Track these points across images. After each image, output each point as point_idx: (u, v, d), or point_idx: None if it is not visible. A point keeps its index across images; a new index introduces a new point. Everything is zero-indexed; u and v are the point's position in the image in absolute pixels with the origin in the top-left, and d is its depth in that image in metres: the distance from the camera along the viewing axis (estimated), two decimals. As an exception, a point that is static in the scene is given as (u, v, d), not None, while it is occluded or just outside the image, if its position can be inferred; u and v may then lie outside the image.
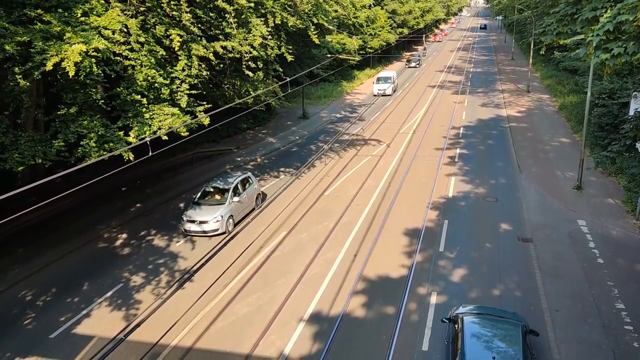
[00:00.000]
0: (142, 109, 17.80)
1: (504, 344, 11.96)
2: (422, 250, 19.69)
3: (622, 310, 15.59)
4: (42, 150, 16.63)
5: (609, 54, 9.60)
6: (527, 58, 64.63)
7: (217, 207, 21.58)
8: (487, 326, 12.68)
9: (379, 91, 51.12)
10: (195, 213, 21.41)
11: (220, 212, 21.40)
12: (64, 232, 21.85)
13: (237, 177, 23.43)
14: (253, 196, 24.07)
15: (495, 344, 12.05)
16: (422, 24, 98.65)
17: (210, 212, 21.33)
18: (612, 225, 21.44)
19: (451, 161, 30.92)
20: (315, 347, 14.34)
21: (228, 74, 24.36)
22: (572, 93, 45.61)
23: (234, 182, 22.81)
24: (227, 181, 23.04)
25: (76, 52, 14.22)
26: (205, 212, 21.37)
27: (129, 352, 14.27)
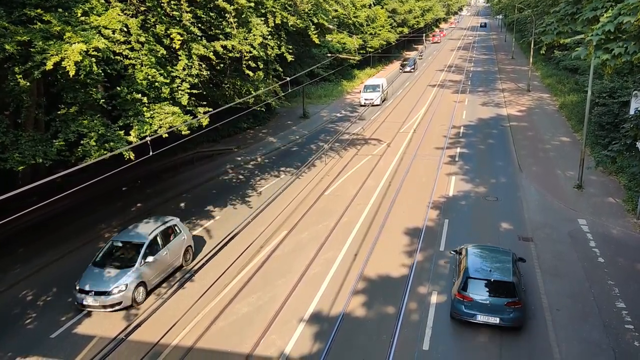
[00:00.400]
0: (143, 108, 17.80)
1: (498, 264, 15.57)
2: (422, 250, 19.69)
3: (622, 310, 15.59)
4: (43, 150, 16.62)
5: (609, 54, 9.59)
6: (527, 57, 64.59)
7: (123, 272, 16.38)
8: (485, 253, 16.46)
9: (366, 101, 47.17)
10: (91, 279, 16.21)
11: (126, 279, 16.17)
12: (64, 232, 21.84)
13: (158, 226, 18.00)
14: (180, 250, 18.57)
15: (491, 263, 15.63)
16: (423, 23, 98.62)
17: (111, 279, 16.17)
18: (613, 225, 21.43)
19: (451, 160, 30.91)
20: (315, 346, 14.34)
21: (228, 73, 24.35)
22: (572, 92, 45.60)
23: (151, 233, 17.51)
24: (141, 234, 17.62)
25: (76, 51, 14.21)
26: (106, 279, 16.20)
27: (129, 352, 14.27)
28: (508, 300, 14.40)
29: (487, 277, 14.93)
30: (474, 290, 14.73)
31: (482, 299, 14.55)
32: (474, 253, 16.21)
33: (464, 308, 14.78)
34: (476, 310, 14.66)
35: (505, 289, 14.61)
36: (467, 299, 14.71)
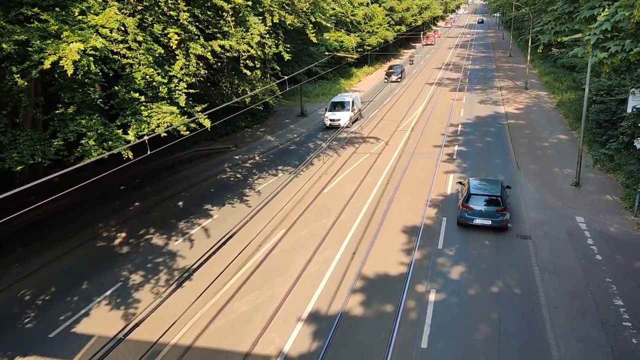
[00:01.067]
0: (141, 107, 17.78)
1: (491, 186, 21.93)
2: (420, 248, 19.72)
3: (620, 307, 15.64)
4: (41, 150, 16.60)
5: (606, 53, 9.63)
6: (525, 55, 64.65)
7: None
8: (482, 181, 22.69)
9: (331, 122, 38.99)
10: None
11: None
12: (62, 231, 21.84)
13: None
14: None
15: (486, 187, 21.68)
16: (420, 21, 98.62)
17: None
18: (610, 222, 21.49)
19: (449, 158, 30.94)
20: (314, 345, 14.37)
21: (226, 72, 24.33)
22: (570, 90, 45.65)
23: None
24: None
25: (74, 50, 14.19)
26: None
27: (128, 351, 14.28)
28: (497, 208, 20.49)
29: (483, 193, 21.04)
30: (473, 203, 20.79)
31: (479, 208, 20.63)
32: (473, 180, 22.68)
33: (466, 215, 20.83)
34: (475, 216, 20.72)
35: (495, 201, 20.62)
36: (469, 209, 20.79)
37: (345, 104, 40.35)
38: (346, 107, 40.03)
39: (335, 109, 39.89)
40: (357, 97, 42.72)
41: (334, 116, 39.23)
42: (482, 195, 20.98)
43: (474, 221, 20.66)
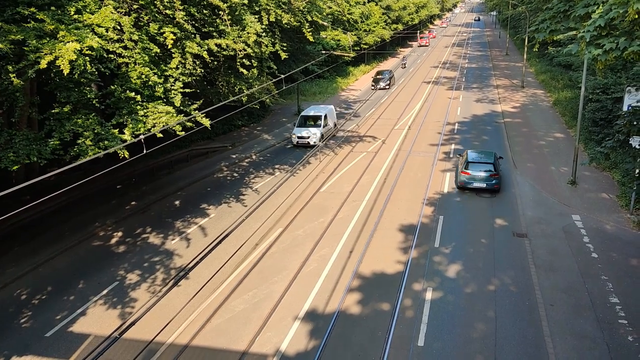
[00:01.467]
0: (137, 106, 17.75)
1: (486, 156, 25.48)
2: (417, 246, 19.75)
3: (616, 304, 15.70)
4: (37, 149, 16.56)
5: (600, 50, 9.66)
6: (521, 53, 64.76)
7: None
8: (478, 152, 26.27)
9: (299, 140, 34.15)
10: None
11: None
12: (59, 230, 21.80)
13: None
14: None
15: (482, 157, 25.40)
16: (417, 19, 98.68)
17: None
18: (606, 220, 21.56)
19: (446, 157, 30.98)
20: (311, 343, 14.38)
21: (222, 71, 24.30)
22: (566, 88, 45.76)
23: None
24: None
25: (71, 50, 14.16)
26: None
27: (125, 350, 14.27)
28: (491, 173, 24.43)
29: (479, 161, 24.95)
30: (471, 169, 24.66)
31: (476, 174, 24.47)
32: (471, 152, 26.45)
33: (465, 179, 24.69)
34: (472, 180, 24.58)
35: (489, 167, 24.53)
36: (467, 174, 24.63)
37: (317, 118, 34.85)
38: (318, 122, 34.69)
39: (306, 125, 34.78)
40: (331, 111, 37.13)
41: (302, 133, 34.02)
42: (478, 163, 24.90)
43: (472, 184, 24.69)
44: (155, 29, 18.29)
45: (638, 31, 9.37)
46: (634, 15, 8.70)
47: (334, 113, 37.98)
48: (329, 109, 37.13)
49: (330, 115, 36.58)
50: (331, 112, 37.17)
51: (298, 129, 34.42)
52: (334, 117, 37.80)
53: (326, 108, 36.83)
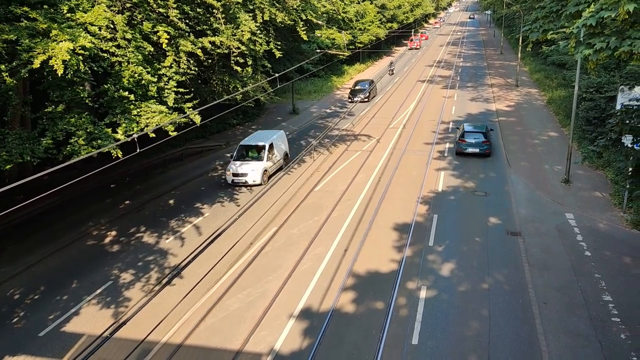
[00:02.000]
0: (130, 105, 17.71)
1: (479, 127, 31.34)
2: (411, 245, 19.79)
3: (609, 302, 15.77)
4: (30, 148, 16.50)
5: (591, 49, 9.72)
6: (515, 52, 64.92)
7: None
8: (472, 124, 32.23)
9: (234, 179, 26.51)
10: None
11: None
12: (52, 229, 21.72)
13: None
14: None
15: (475, 127, 31.24)
16: (412, 18, 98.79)
17: None
18: (600, 218, 21.65)
19: (441, 156, 31.04)
20: (305, 342, 14.39)
21: (216, 69, 24.27)
22: (560, 87, 45.90)
23: None
24: None
25: (64, 49, 14.10)
26: None
27: (118, 349, 14.24)
28: (483, 140, 29.89)
29: (473, 131, 30.63)
30: (467, 137, 30.11)
31: (471, 141, 29.94)
32: (467, 124, 32.54)
33: (462, 146, 30.03)
34: (467, 146, 29.98)
35: (481, 136, 30.06)
36: (463, 142, 30.07)
37: (261, 149, 27.71)
38: (261, 154, 27.47)
39: (246, 157, 27.53)
40: (280, 138, 29.87)
41: (238, 169, 26.52)
42: (472, 132, 30.33)
43: (467, 150, 29.98)
44: (149, 27, 18.24)
45: (629, 31, 9.44)
46: (625, 16, 8.76)
47: (284, 140, 30.54)
48: (278, 135, 29.79)
49: (278, 144, 29.31)
50: (280, 140, 29.82)
51: (234, 162, 27.02)
52: (285, 146, 30.42)
53: (273, 135, 29.45)
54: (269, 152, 27.56)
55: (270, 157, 27.58)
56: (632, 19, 9.03)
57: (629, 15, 8.73)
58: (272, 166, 27.95)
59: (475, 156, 30.56)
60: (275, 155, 28.28)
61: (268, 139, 28.30)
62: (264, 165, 26.93)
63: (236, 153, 27.73)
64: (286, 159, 30.11)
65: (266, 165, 27.05)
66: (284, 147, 30.25)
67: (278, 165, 28.80)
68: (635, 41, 9.03)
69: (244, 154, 27.68)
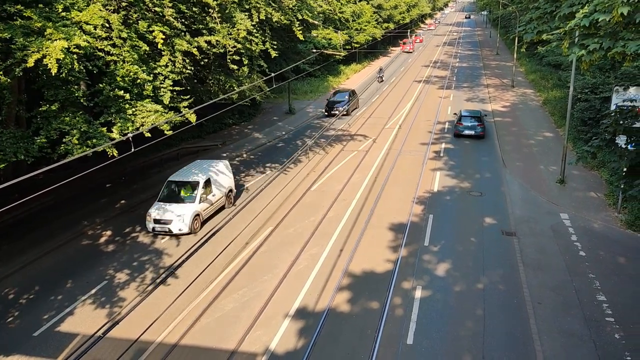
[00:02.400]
0: (125, 105, 17.66)
1: (474, 112, 36.30)
2: (407, 245, 19.81)
3: (603, 302, 15.83)
4: (24, 147, 16.44)
5: (585, 50, 9.77)
6: (511, 53, 65.05)
7: None
8: (468, 110, 36.72)
9: (155, 226, 20.97)
10: None
11: None
12: (47, 229, 21.64)
13: None
14: None
15: (471, 112, 36.19)
16: (408, 18, 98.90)
17: None
18: (594, 219, 21.73)
19: (436, 156, 31.09)
20: (301, 342, 14.39)
21: (212, 69, 24.23)
22: (555, 88, 46.04)
23: None
24: None
25: (58, 48, 14.05)
26: None
27: (113, 349, 14.20)
28: (478, 123, 34.14)
29: (469, 115, 35.16)
30: (463, 121, 34.45)
31: (467, 124, 34.21)
32: (464, 110, 36.83)
33: (459, 128, 34.28)
34: (464, 129, 34.16)
35: (476, 119, 34.56)
36: (461, 125, 34.37)
37: (193, 187, 21.84)
38: (192, 194, 21.63)
39: (174, 197, 21.76)
40: (221, 170, 23.84)
41: (162, 214, 20.81)
42: (468, 117, 34.80)
43: (464, 132, 34.24)
44: (145, 27, 18.20)
45: (622, 32, 9.49)
46: (619, 18, 8.80)
47: (228, 173, 24.31)
48: (218, 167, 23.69)
49: (218, 179, 23.25)
50: (221, 173, 23.71)
51: (158, 204, 21.35)
52: (229, 181, 24.28)
53: (213, 167, 23.53)
54: (204, 190, 21.89)
55: (205, 197, 21.92)
56: (626, 21, 9.09)
57: (623, 17, 8.78)
58: (209, 208, 22.23)
59: (473, 149, 30.65)
60: (213, 194, 22.49)
61: (204, 173, 22.53)
62: (195, 208, 21.19)
63: (162, 191, 22.06)
64: (230, 197, 24.09)
65: (198, 209, 21.37)
66: (228, 181, 24.04)
67: (218, 206, 23.00)
68: (629, 42, 9.09)
69: (172, 193, 21.99)
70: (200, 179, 22.04)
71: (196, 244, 20.22)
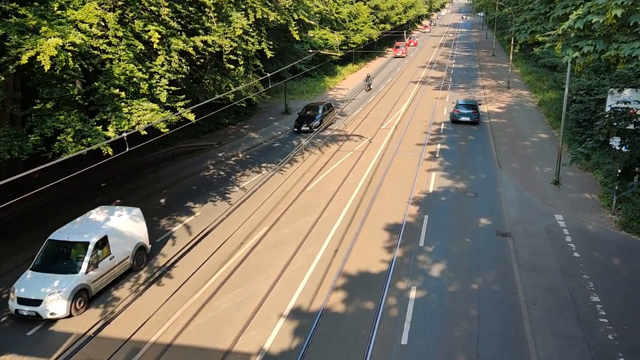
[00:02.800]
0: (121, 103, 17.63)
1: (468, 101, 41.46)
2: (402, 245, 19.83)
3: (597, 303, 15.89)
4: (18, 145, 16.39)
5: (578, 52, 9.82)
6: (507, 54, 65.20)
7: None
8: (465, 100, 42.55)
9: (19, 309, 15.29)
10: None
11: None
12: (42, 228, 21.46)
13: None
14: None
15: (466, 101, 41.27)
16: (405, 19, 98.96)
17: None
18: (589, 220, 21.81)
19: (432, 157, 31.14)
20: (295, 342, 14.39)
21: (208, 69, 24.21)
22: (551, 89, 46.17)
23: None
24: None
25: (52, 46, 14.02)
26: None
27: (107, 348, 14.16)
28: (473, 110, 38.50)
29: (465, 103, 39.97)
30: (460, 109, 39.04)
31: (463, 111, 38.64)
32: (460, 99, 42.17)
33: (456, 115, 38.75)
34: (460, 115, 38.53)
35: (470, 107, 39.13)
36: (457, 112, 38.94)
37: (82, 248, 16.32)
38: (80, 259, 16.18)
39: (53, 265, 16.29)
40: (126, 222, 18.05)
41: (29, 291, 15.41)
42: (464, 104, 39.86)
43: (460, 118, 38.82)
44: (140, 26, 18.16)
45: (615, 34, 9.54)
46: (612, 20, 8.85)
47: (137, 225, 18.50)
48: (123, 219, 17.90)
49: (120, 236, 17.46)
50: (127, 227, 17.93)
51: (28, 275, 16.04)
52: (140, 236, 18.53)
53: (114, 218, 17.70)
54: (96, 253, 16.29)
55: (98, 262, 16.33)
56: (620, 23, 9.14)
57: (617, 19, 8.83)
58: (103, 277, 16.61)
59: (468, 149, 30.73)
60: (111, 257, 16.83)
61: (98, 230, 16.76)
62: (80, 281, 15.70)
63: (38, 255, 16.48)
64: (142, 257, 18.41)
65: (86, 281, 15.86)
66: (137, 236, 18.23)
67: (119, 272, 17.38)
68: (622, 45, 9.14)
69: (52, 258, 16.39)
70: (92, 238, 16.23)
71: (191, 244, 20.18)
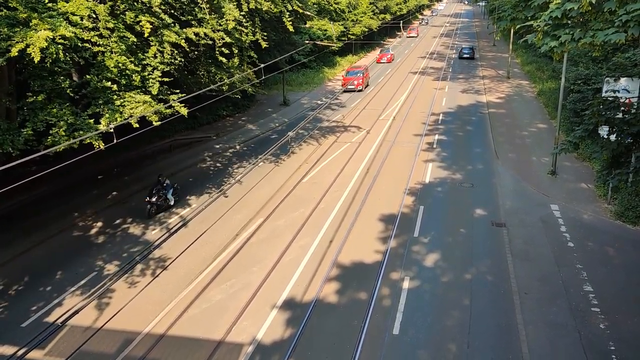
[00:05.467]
0: (113, 96, 17.61)
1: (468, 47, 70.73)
2: (397, 236, 19.85)
3: (589, 293, 15.91)
4: (10, 139, 16.39)
5: (557, 41, 9.79)
6: (508, 44, 64.83)
7: None
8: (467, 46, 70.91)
9: None
10: None
11: None
12: (38, 220, 21.62)
13: None
14: None
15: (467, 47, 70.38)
16: (405, 9, 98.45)
17: None
18: (584, 210, 21.79)
19: (429, 147, 31.08)
20: (287, 332, 14.46)
21: (202, 61, 24.14)
22: (550, 79, 45.95)
23: None
24: None
25: (42, 38, 13.99)
26: None
27: (101, 340, 14.25)
28: (471, 52, 67.38)
29: (466, 47, 68.67)
30: (464, 50, 67.89)
31: (464, 51, 67.63)
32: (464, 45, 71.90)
33: (461, 54, 67.76)
34: (463, 53, 67.02)
35: (469, 49, 67.79)
36: (461, 52, 67.63)
37: None
38: None
39: None
40: None
41: None
42: (465, 48, 66.14)
43: (463, 55, 65.47)
44: (132, 17, 18.10)
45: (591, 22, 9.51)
46: (587, 7, 8.83)
47: None
48: None
49: None
50: None
51: None
52: None
53: None
54: None
55: None
56: (595, 10, 9.10)
57: (592, 6, 8.80)
58: None
59: (466, 140, 30.66)
60: None
61: None
62: None
63: None
64: None
65: None
66: None
67: None
68: (597, 32, 9.11)
69: None
70: None
71: (187, 236, 20.22)
